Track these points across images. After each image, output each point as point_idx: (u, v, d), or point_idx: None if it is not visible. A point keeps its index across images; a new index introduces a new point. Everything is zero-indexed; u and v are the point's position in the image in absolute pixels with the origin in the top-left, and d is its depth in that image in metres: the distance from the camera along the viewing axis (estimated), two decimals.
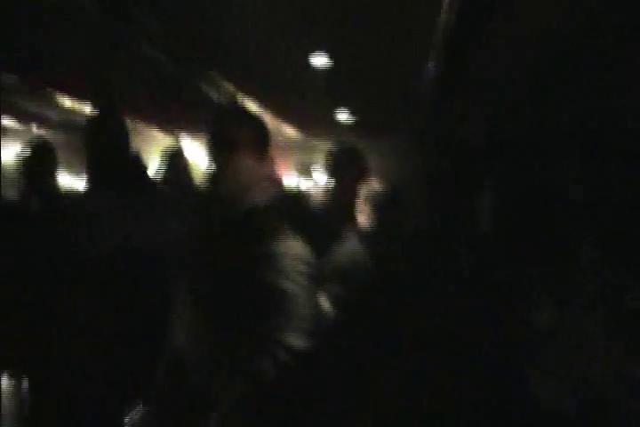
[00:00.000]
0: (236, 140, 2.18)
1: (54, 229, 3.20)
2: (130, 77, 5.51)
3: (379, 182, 3.35)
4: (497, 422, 2.23)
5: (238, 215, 2.17)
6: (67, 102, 7.07)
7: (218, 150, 2.21)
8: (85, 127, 3.06)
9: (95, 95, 3.31)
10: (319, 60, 4.88)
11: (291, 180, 9.98)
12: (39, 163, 3.79)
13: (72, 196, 3.82)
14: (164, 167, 4.23)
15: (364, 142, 3.90)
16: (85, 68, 5.43)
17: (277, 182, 2.26)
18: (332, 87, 5.68)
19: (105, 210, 2.96)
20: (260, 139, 2.23)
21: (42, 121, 8.55)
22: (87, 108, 7.00)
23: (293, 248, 2.10)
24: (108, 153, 3.03)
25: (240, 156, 2.17)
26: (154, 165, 4.32)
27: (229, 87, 5.98)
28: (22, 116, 8.34)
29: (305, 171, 10.07)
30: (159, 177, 4.14)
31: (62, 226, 3.17)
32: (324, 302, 2.90)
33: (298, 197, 2.55)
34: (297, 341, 2.03)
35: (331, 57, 4.77)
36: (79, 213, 3.09)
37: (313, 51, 4.68)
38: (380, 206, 3.32)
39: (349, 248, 3.18)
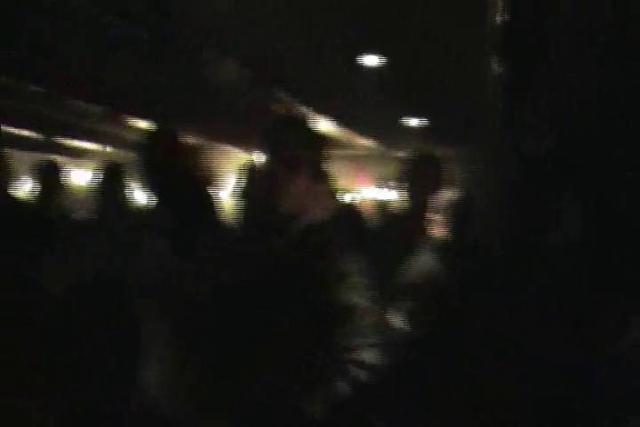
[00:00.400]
0: (295, 158, 2.14)
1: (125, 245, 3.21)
2: (203, 97, 5.58)
3: (453, 192, 3.22)
4: None
5: (297, 233, 2.12)
6: (140, 124, 7.21)
7: (277, 168, 2.17)
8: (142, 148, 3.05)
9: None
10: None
11: (369, 192, 9.90)
12: (111, 183, 3.87)
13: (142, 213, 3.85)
14: (242, 183, 4.23)
15: (438, 150, 3.79)
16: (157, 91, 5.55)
17: (335, 199, 2.20)
18: (402, 95, 5.58)
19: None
20: (319, 157, 2.18)
21: (117, 142, 8.74)
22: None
23: (356, 264, 2.04)
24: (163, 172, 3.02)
25: (299, 173, 2.13)
26: (230, 182, 4.33)
27: (298, 105, 5.97)
28: (96, 138, 8.55)
29: (383, 182, 9.95)
30: (238, 193, 4.12)
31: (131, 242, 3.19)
32: (396, 318, 2.81)
33: (358, 213, 2.45)
34: (369, 356, 1.98)
35: (394, 63, 4.67)
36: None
37: (380, 61, 4.59)
38: (455, 217, 3.18)
39: (422, 261, 3.08)
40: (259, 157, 2.29)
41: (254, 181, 4.12)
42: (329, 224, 2.12)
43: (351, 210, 2.22)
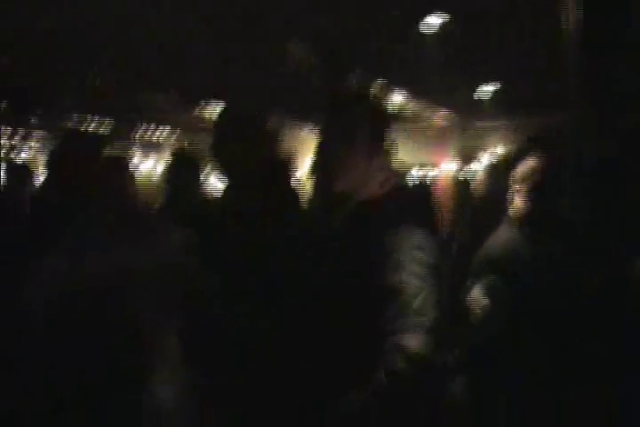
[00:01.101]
0: (346, 134, 2.08)
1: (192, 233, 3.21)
2: (278, 80, 5.58)
3: (533, 165, 3.08)
4: None
5: (353, 209, 2.07)
6: (216, 110, 7.23)
7: (329, 144, 2.12)
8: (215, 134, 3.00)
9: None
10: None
11: (449, 166, 9.70)
12: (182, 171, 3.89)
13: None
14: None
15: (517, 119, 3.65)
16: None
17: (395, 175, 2.11)
18: (479, 64, 5.43)
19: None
20: (376, 132, 2.11)
21: (192, 129, 8.83)
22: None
23: (415, 241, 1.94)
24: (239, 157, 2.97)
25: (351, 150, 2.07)
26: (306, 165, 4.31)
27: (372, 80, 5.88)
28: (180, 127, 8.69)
29: (465, 155, 9.73)
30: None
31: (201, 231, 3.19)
32: (477, 293, 2.73)
33: (423, 190, 2.34)
34: (415, 341, 1.84)
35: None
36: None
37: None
38: (537, 190, 3.02)
39: (504, 235, 2.97)
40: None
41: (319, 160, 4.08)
42: (383, 202, 2.04)
43: (415, 187, 2.12)
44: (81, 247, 1.81)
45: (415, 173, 9.50)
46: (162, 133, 9.15)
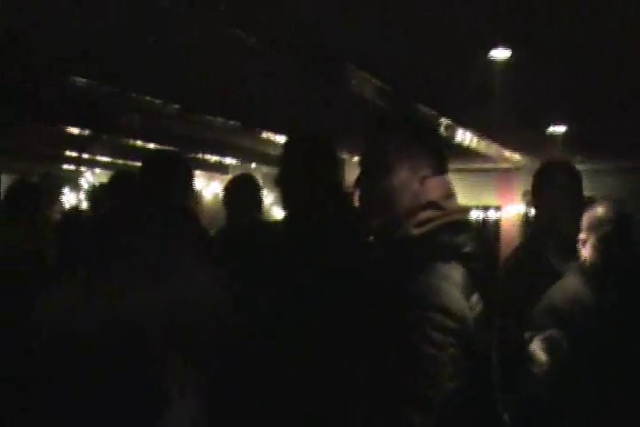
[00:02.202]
0: (383, 163, 1.90)
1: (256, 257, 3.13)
2: (341, 113, 5.51)
3: (604, 208, 2.90)
4: None
5: (385, 248, 1.88)
6: (280, 139, 7.23)
7: (364, 173, 1.95)
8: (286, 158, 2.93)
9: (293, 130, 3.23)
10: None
11: (515, 208, 9.46)
12: (242, 195, 3.88)
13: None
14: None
15: (590, 163, 3.50)
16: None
17: (443, 215, 1.89)
18: (549, 103, 5.26)
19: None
20: (418, 163, 1.91)
21: (262, 158, 8.85)
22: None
23: (440, 300, 1.66)
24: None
25: (386, 180, 1.89)
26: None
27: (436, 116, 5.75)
28: (243, 154, 8.69)
29: (528, 198, 9.45)
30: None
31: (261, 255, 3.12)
32: (537, 349, 2.54)
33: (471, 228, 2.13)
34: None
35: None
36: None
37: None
38: (607, 237, 2.80)
39: (569, 285, 2.79)
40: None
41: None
42: (416, 245, 1.81)
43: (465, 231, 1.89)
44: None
45: (477, 214, 9.30)
46: (224, 159, 9.19)
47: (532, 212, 9.18)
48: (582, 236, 2.80)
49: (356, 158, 8.30)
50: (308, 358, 2.32)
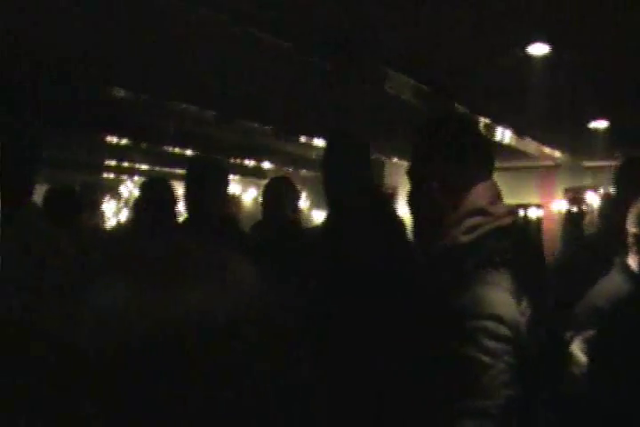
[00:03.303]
0: (434, 171, 1.88)
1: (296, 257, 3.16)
2: (380, 114, 5.50)
3: None
4: None
5: (434, 255, 1.84)
6: (318, 143, 7.23)
7: (415, 181, 1.92)
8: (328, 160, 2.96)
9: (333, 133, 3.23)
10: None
11: (558, 206, 9.33)
12: (278, 198, 3.88)
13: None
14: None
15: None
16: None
17: (491, 220, 1.84)
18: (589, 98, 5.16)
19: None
20: (460, 170, 1.87)
21: (299, 162, 8.87)
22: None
23: (492, 308, 1.62)
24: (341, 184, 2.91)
25: (428, 188, 1.85)
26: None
27: (474, 115, 5.69)
28: (281, 159, 8.72)
29: (573, 195, 9.31)
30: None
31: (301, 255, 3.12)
32: (578, 349, 2.48)
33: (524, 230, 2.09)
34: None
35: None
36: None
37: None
38: None
39: (614, 283, 2.72)
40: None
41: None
42: (465, 252, 1.76)
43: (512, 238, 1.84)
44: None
45: (519, 213, 9.19)
46: (262, 164, 9.23)
47: (575, 209, 9.09)
48: (632, 230, 2.72)
49: (394, 160, 8.28)
50: (355, 367, 2.29)
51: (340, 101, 5.19)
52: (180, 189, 3.56)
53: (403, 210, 3.00)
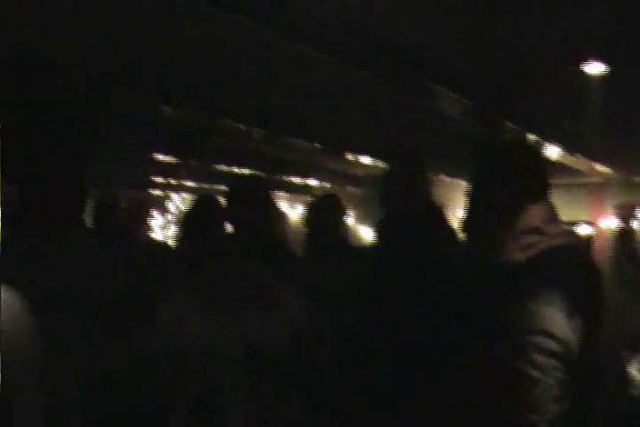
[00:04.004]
0: (491, 190, 1.89)
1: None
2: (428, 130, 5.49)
3: None
4: None
5: (489, 272, 1.85)
6: (365, 160, 7.25)
7: (473, 199, 1.93)
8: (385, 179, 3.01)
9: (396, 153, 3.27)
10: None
11: (607, 222, 9.16)
12: (324, 214, 3.86)
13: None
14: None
15: None
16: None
17: (548, 238, 1.85)
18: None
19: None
20: (526, 188, 1.90)
21: (346, 179, 8.89)
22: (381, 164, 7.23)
23: (544, 324, 1.66)
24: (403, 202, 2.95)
25: (483, 207, 1.86)
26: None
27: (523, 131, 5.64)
28: (328, 176, 8.75)
29: (623, 211, 9.12)
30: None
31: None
32: (635, 370, 2.43)
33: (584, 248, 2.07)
34: None
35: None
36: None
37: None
38: None
39: None
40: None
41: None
42: (521, 269, 1.79)
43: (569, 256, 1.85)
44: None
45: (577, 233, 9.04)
46: (309, 181, 9.27)
47: (625, 226, 8.91)
48: None
49: (442, 177, 8.23)
50: (403, 375, 2.31)
51: (389, 119, 5.19)
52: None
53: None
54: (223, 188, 8.88)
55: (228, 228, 3.57)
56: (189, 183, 9.74)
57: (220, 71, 4.14)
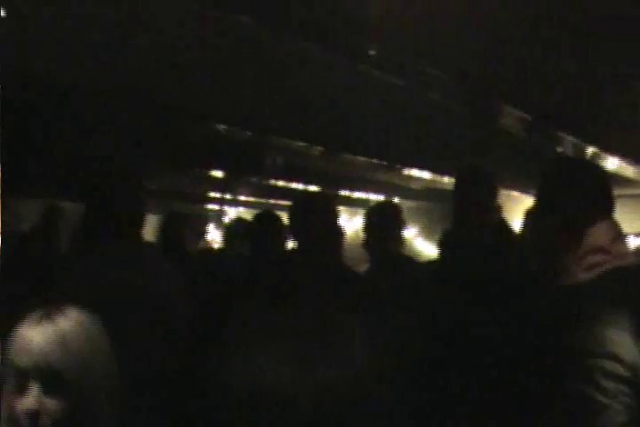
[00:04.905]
0: (557, 208, 1.87)
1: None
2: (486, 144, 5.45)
3: None
4: None
5: (552, 293, 1.81)
6: (425, 175, 7.24)
7: (537, 216, 1.91)
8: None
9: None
10: None
11: None
12: (384, 225, 3.82)
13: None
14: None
15: None
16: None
17: (614, 257, 1.81)
18: None
19: None
20: (592, 205, 1.87)
21: (404, 193, 8.85)
22: (445, 179, 7.29)
23: (612, 347, 1.61)
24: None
25: (554, 224, 1.84)
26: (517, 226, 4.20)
27: (583, 145, 5.56)
28: (386, 190, 8.74)
29: None
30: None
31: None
32: None
33: None
34: None
35: None
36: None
37: None
38: None
39: None
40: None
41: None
42: (586, 290, 1.75)
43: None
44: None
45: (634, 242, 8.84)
46: (367, 195, 9.26)
47: None
48: None
49: (511, 193, 8.14)
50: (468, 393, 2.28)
51: (448, 134, 5.16)
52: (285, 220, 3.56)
53: None
54: (280, 203, 9.00)
55: (290, 244, 3.58)
56: (245, 198, 9.82)
57: (280, 88, 4.17)
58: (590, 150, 5.87)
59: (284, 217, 3.57)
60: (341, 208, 9.81)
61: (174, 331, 2.54)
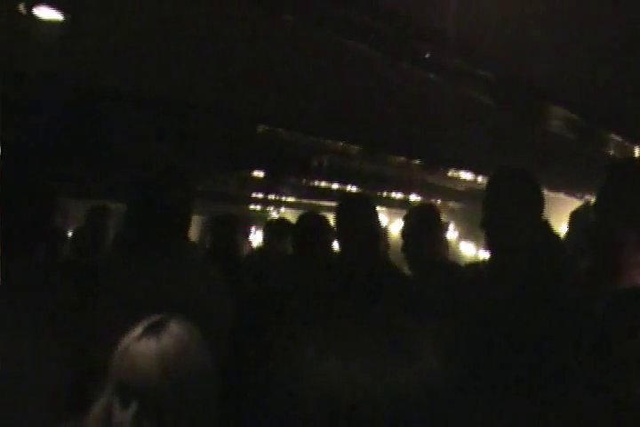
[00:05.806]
0: (618, 213, 1.84)
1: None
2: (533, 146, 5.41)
3: None
4: None
5: (609, 299, 1.78)
6: (467, 176, 7.20)
7: (599, 223, 1.89)
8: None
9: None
10: None
11: None
12: (422, 229, 3.78)
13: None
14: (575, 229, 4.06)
15: None
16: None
17: None
18: None
19: None
20: None
21: (446, 194, 8.80)
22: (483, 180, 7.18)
23: None
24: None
25: (624, 229, 1.81)
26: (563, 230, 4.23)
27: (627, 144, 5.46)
28: (428, 191, 8.70)
29: None
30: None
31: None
32: None
33: None
34: None
35: None
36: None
37: None
38: None
39: None
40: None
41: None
42: None
43: None
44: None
45: None
46: (409, 196, 9.22)
47: None
48: None
49: (554, 195, 8.05)
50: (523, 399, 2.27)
51: (492, 135, 5.12)
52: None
53: None
54: (323, 203, 9.00)
55: (335, 245, 3.57)
56: (289, 199, 9.85)
57: (322, 91, 4.19)
58: (637, 152, 5.78)
59: (330, 218, 3.57)
60: (384, 209, 9.81)
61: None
